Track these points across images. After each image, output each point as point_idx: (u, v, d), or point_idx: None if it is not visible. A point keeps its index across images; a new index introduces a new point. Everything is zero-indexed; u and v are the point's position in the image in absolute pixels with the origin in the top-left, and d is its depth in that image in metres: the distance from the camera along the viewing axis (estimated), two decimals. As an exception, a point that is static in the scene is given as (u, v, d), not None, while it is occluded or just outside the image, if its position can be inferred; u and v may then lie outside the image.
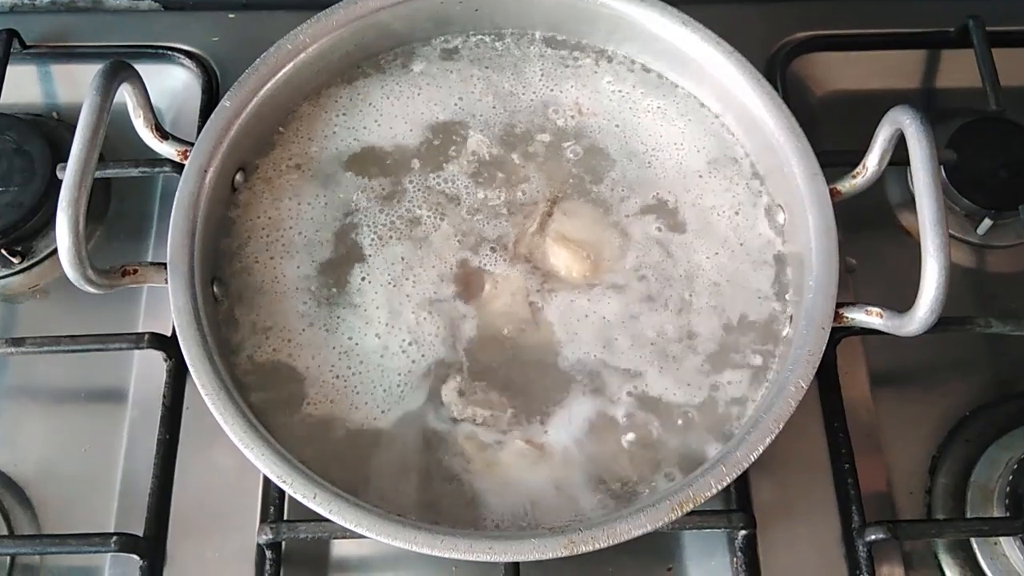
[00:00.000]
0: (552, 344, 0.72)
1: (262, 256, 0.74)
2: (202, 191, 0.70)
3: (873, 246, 0.84)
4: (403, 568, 0.73)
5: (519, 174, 0.78)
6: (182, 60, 0.91)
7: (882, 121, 0.68)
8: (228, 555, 0.72)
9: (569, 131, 0.79)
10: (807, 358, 0.65)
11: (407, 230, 0.75)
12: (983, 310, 0.82)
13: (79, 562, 0.73)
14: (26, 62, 0.92)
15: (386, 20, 0.78)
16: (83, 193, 0.61)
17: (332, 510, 0.60)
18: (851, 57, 0.93)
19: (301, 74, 0.77)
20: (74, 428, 0.77)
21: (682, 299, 0.73)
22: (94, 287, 0.64)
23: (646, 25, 0.78)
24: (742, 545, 0.71)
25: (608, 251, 0.75)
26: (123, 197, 0.87)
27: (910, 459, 0.77)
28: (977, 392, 0.80)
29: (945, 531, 0.73)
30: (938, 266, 0.60)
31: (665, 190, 0.77)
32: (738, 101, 0.76)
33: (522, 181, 0.77)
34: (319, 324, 0.72)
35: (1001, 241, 0.86)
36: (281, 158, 0.78)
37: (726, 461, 0.62)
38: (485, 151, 0.78)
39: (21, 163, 0.84)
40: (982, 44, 0.89)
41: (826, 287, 0.68)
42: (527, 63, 0.82)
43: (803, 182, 0.71)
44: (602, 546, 0.60)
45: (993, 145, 0.86)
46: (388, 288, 0.73)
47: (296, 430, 0.68)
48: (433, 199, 0.76)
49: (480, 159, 0.78)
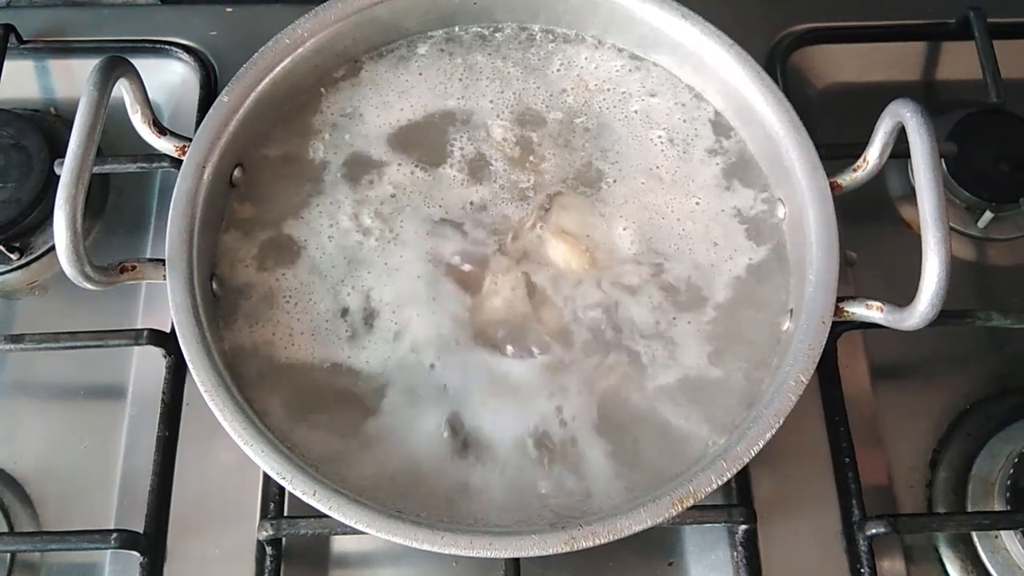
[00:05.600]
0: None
1: (261, 252, 0.74)
2: (200, 187, 0.70)
3: (873, 239, 0.84)
4: (403, 564, 0.73)
5: (517, 167, 0.77)
6: (180, 55, 0.91)
7: (883, 114, 0.68)
8: (228, 551, 0.72)
9: (567, 125, 0.79)
10: (807, 352, 0.65)
11: (405, 224, 0.75)
12: (984, 303, 0.82)
13: (79, 559, 0.73)
14: (23, 57, 0.91)
15: (383, 14, 0.78)
16: (81, 189, 0.61)
17: (332, 506, 0.60)
18: (851, 49, 0.93)
19: (299, 69, 0.77)
20: (74, 425, 0.77)
21: (683, 295, 0.73)
22: (92, 284, 0.63)
23: (645, 18, 0.78)
24: (743, 539, 0.71)
25: (607, 244, 0.75)
26: (121, 193, 0.87)
27: (911, 453, 0.77)
28: (978, 385, 0.80)
29: (946, 525, 0.73)
30: (939, 260, 0.60)
31: (665, 186, 0.77)
32: (738, 94, 0.76)
33: (519, 175, 0.77)
34: (319, 320, 0.72)
35: (1002, 234, 0.86)
36: (280, 153, 0.77)
37: (727, 456, 0.62)
38: (484, 145, 0.78)
39: (18, 159, 0.84)
40: (983, 36, 0.89)
41: (826, 281, 0.67)
42: (525, 56, 0.81)
43: (803, 175, 0.71)
44: (603, 542, 0.60)
45: (994, 138, 0.86)
46: (387, 284, 0.73)
47: (295, 424, 0.68)
48: (431, 193, 0.76)
49: (479, 153, 0.78)
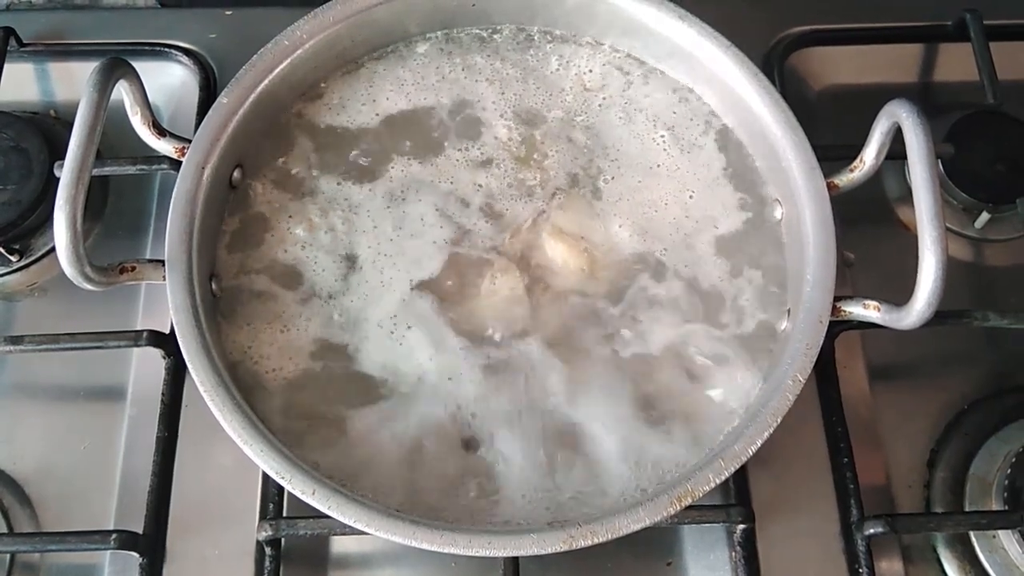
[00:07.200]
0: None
1: (260, 253, 0.74)
2: (200, 188, 0.70)
3: (871, 240, 0.84)
4: (403, 563, 0.73)
5: (516, 167, 0.77)
6: (179, 57, 0.91)
7: (879, 115, 0.68)
8: (228, 552, 0.72)
9: (566, 126, 0.79)
10: (805, 352, 0.65)
11: (404, 225, 0.75)
12: (981, 304, 0.82)
13: (79, 559, 0.73)
14: (23, 60, 0.91)
15: (382, 16, 0.78)
16: (80, 191, 0.61)
17: (331, 506, 0.60)
18: (849, 51, 0.93)
19: (298, 70, 0.77)
20: (73, 426, 0.77)
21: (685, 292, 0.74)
22: (92, 285, 0.64)
23: (643, 20, 0.78)
24: (741, 539, 0.71)
25: (605, 244, 0.75)
26: (121, 195, 0.87)
27: (908, 453, 0.77)
28: (975, 385, 0.80)
29: (944, 525, 0.73)
30: (935, 260, 0.60)
31: (663, 185, 0.77)
32: (735, 95, 0.76)
33: (518, 174, 0.77)
34: (319, 320, 0.72)
35: (999, 235, 0.86)
36: (279, 154, 0.77)
37: (724, 455, 0.62)
38: (483, 146, 0.78)
39: (18, 161, 0.84)
40: (980, 37, 0.89)
41: (824, 281, 0.67)
42: (524, 58, 0.81)
43: (800, 176, 0.71)
44: (601, 541, 0.60)
45: (991, 139, 0.86)
46: (386, 284, 0.73)
47: (294, 426, 0.68)
48: (430, 193, 0.76)
49: (478, 153, 0.78)
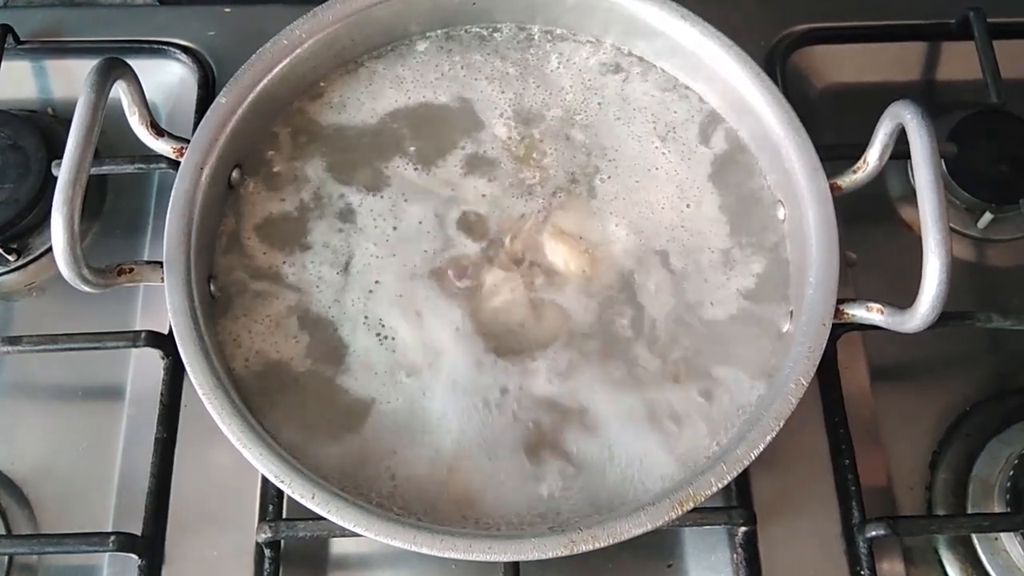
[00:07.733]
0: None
1: (259, 253, 0.74)
2: (198, 188, 0.70)
3: (873, 240, 0.83)
4: (402, 566, 0.73)
5: (516, 168, 0.77)
6: (178, 55, 0.90)
7: (883, 116, 0.68)
8: (227, 554, 0.71)
9: (565, 125, 0.79)
10: (807, 354, 0.65)
11: (404, 226, 0.75)
12: (984, 305, 0.82)
13: (77, 561, 0.73)
14: (20, 57, 0.91)
15: (382, 15, 0.78)
16: (78, 191, 0.61)
17: (330, 509, 0.60)
18: (851, 50, 0.92)
19: (298, 69, 0.76)
20: (71, 427, 0.77)
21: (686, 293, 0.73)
22: (89, 287, 0.63)
23: (644, 18, 0.77)
24: (742, 541, 0.71)
25: (605, 244, 0.74)
26: (119, 194, 0.87)
27: (910, 454, 0.77)
28: (978, 387, 0.79)
29: (945, 527, 0.73)
30: (940, 262, 0.60)
31: (663, 185, 0.77)
32: (737, 94, 0.75)
33: (518, 175, 0.77)
34: (317, 322, 0.71)
35: (1002, 235, 0.85)
36: (278, 154, 0.77)
37: (727, 459, 0.62)
38: (483, 145, 0.78)
39: (16, 159, 0.83)
40: (983, 36, 0.88)
41: (826, 282, 0.67)
42: (524, 56, 0.81)
43: (803, 176, 0.71)
44: (602, 545, 0.60)
45: (994, 138, 0.85)
46: (385, 285, 0.73)
47: (293, 428, 0.68)
48: (430, 195, 0.76)
49: (478, 153, 0.77)
